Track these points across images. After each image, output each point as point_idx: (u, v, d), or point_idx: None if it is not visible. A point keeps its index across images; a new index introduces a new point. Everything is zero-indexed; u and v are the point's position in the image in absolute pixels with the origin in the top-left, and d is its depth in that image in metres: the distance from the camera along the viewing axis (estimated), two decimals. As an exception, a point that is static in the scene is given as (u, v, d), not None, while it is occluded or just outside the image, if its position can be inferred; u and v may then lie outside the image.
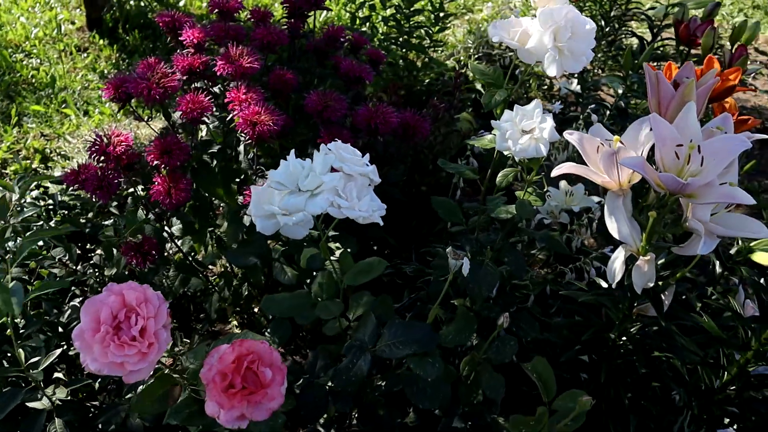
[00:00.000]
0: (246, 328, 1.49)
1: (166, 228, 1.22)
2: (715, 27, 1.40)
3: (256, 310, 1.52)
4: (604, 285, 1.14)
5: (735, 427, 1.12)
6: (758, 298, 1.05)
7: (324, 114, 1.17)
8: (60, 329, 1.24)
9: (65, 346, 1.23)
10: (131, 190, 1.19)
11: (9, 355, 1.13)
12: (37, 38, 2.86)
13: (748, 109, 2.54)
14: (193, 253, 1.36)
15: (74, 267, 1.28)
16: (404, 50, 2.15)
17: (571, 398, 0.76)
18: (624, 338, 1.04)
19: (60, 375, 1.16)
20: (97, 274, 1.28)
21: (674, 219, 0.89)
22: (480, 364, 1.00)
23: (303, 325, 0.92)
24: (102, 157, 1.09)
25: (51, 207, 1.55)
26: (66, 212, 1.50)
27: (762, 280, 1.09)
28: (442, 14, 2.10)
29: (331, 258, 0.93)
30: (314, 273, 1.08)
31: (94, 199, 1.10)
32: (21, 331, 1.18)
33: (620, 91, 1.57)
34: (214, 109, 1.15)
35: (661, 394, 1.11)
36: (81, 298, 1.36)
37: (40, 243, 1.26)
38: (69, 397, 1.01)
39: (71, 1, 3.16)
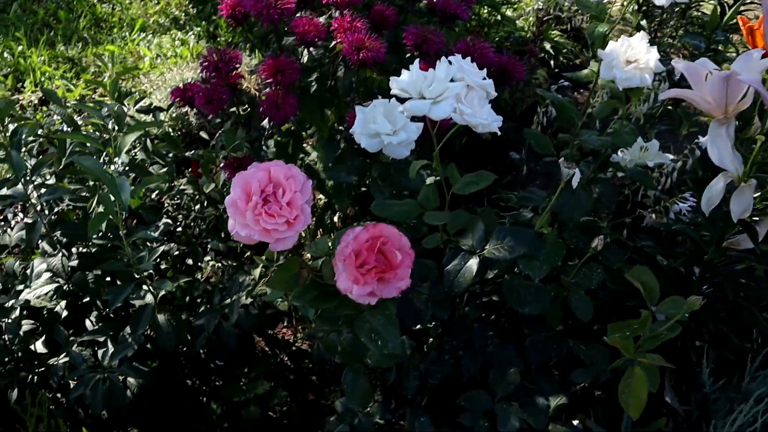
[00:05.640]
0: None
1: (264, 148, 1.28)
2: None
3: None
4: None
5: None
6: None
7: (423, 47, 1.21)
8: (154, 244, 1.31)
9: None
10: (233, 110, 1.25)
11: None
12: (110, -17, 2.94)
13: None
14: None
15: (172, 183, 1.35)
16: (476, 5, 2.17)
17: (674, 304, 0.79)
18: (708, 274, 1.07)
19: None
20: (192, 191, 1.35)
21: (775, 151, 0.92)
22: (569, 290, 1.04)
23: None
24: (213, 73, 1.15)
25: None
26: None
27: None
28: (517, -29, 2.11)
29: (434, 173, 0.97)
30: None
31: (202, 114, 1.16)
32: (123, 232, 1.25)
33: (702, 49, 1.57)
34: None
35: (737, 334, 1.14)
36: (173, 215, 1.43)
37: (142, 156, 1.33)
38: (175, 289, 1.09)
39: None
